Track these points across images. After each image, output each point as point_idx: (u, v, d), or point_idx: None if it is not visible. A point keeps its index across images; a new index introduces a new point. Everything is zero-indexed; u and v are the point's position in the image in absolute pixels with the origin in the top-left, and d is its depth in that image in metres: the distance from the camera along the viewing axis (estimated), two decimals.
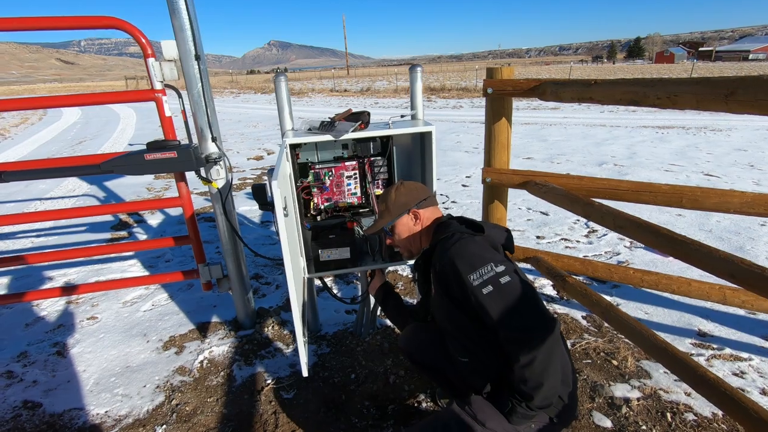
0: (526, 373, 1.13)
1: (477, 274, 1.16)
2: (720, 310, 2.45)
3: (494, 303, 1.14)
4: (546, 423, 1.25)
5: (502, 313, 1.14)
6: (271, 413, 1.81)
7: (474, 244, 1.24)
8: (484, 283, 1.15)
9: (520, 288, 1.16)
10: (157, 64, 1.88)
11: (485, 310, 1.15)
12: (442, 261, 1.24)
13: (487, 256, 1.20)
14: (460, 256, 1.20)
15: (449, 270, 1.22)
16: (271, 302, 2.65)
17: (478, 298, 1.16)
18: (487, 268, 1.17)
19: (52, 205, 4.96)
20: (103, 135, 10.74)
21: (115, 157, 1.82)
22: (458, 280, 1.19)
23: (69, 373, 2.08)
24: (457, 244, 1.24)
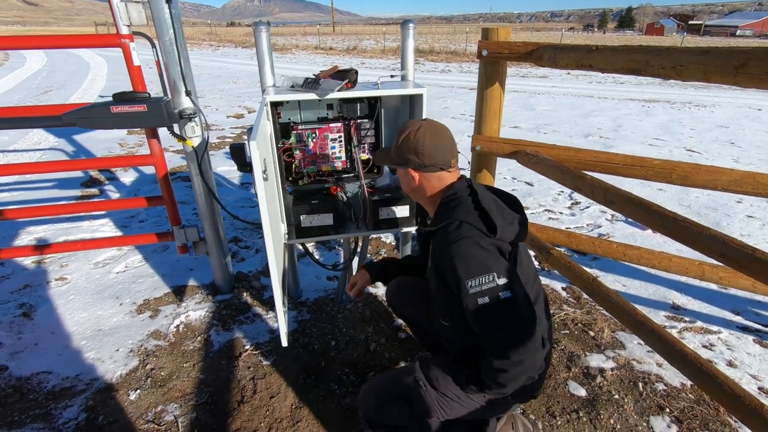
0: (496, 375, 1.13)
1: (476, 282, 1.09)
2: (694, 284, 2.51)
3: (486, 316, 1.10)
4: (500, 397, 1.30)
5: (491, 327, 1.11)
6: (249, 379, 1.79)
7: (479, 250, 1.12)
8: (482, 293, 1.09)
9: (517, 306, 1.11)
10: (122, 5, 1.69)
11: (474, 318, 1.12)
12: (441, 254, 1.16)
13: (491, 265, 1.11)
14: (461, 258, 1.11)
15: (447, 267, 1.15)
16: (251, 266, 2.59)
17: (469, 306, 1.11)
18: (488, 277, 1.09)
19: (15, 158, 4.68)
20: (70, 85, 10.10)
21: (78, 109, 1.67)
22: (455, 281, 1.13)
23: (36, 336, 2.00)
24: (461, 242, 1.12)
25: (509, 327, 1.10)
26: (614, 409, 1.69)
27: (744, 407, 1.17)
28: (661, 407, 1.71)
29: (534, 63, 1.88)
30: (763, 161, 4.99)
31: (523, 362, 1.09)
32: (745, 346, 2.06)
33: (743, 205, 3.68)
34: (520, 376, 1.12)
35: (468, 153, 2.43)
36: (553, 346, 1.86)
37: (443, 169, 1.27)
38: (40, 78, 11.27)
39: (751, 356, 1.99)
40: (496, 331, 1.11)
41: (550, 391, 1.77)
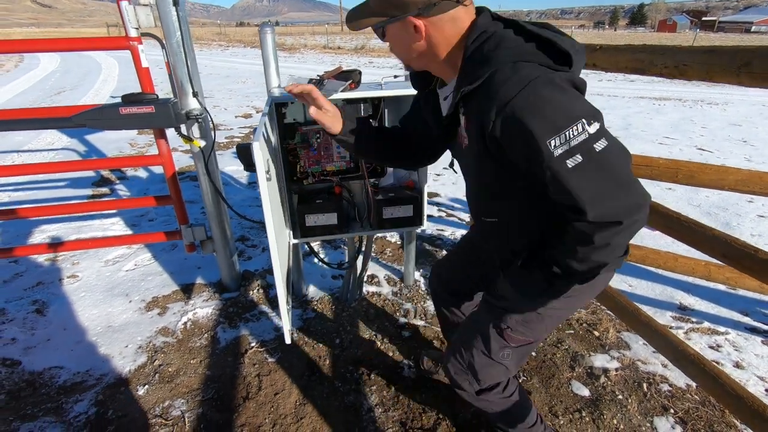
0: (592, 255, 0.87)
1: (561, 139, 0.78)
2: (701, 284, 2.49)
3: (583, 180, 0.79)
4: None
5: (594, 195, 0.80)
6: (254, 376, 1.81)
7: (555, 92, 0.80)
8: (571, 151, 0.78)
9: (617, 156, 0.82)
10: (131, 8, 1.72)
11: (565, 188, 0.81)
12: (506, 116, 0.81)
13: (576, 109, 0.80)
14: (534, 111, 0.79)
15: (514, 132, 0.81)
16: (257, 265, 2.62)
17: (557, 173, 0.80)
18: (576, 128, 0.78)
19: (29, 157, 4.77)
20: (83, 85, 10.26)
21: (88, 110, 1.71)
22: (529, 146, 0.80)
23: (49, 332, 2.05)
24: (528, 89, 0.79)
25: (617, 185, 0.81)
26: (617, 409, 1.69)
27: (746, 408, 1.17)
28: (665, 408, 1.70)
29: None
30: None
31: (639, 221, 0.83)
32: (753, 347, 2.04)
33: (754, 204, 3.63)
34: (631, 236, 0.86)
35: None
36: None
37: (459, 2, 0.89)
38: (54, 79, 11.46)
39: (759, 357, 1.97)
40: (598, 198, 0.80)
41: (553, 391, 1.78)
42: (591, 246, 0.85)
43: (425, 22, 0.89)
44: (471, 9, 0.93)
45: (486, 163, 0.94)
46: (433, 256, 2.77)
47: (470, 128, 0.93)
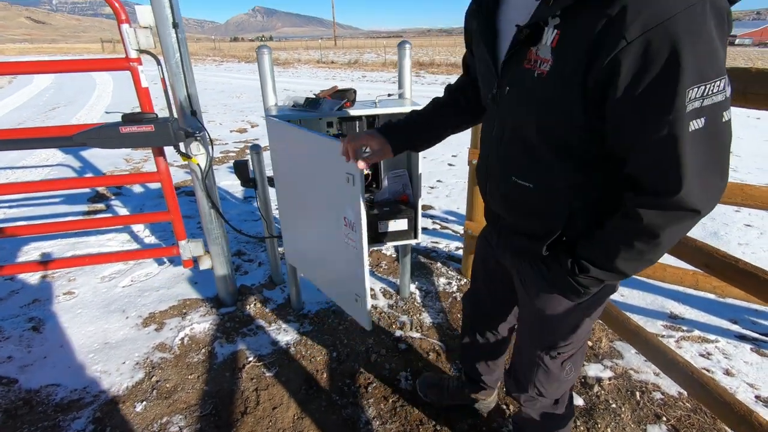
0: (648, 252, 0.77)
1: (700, 91, 0.63)
2: (691, 293, 2.54)
3: (697, 150, 0.67)
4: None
5: (699, 170, 0.68)
6: (252, 390, 1.82)
7: (719, 29, 0.63)
8: (701, 111, 0.64)
9: (731, 135, 0.71)
10: (131, 30, 1.78)
11: (676, 154, 0.67)
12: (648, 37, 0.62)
13: (723, 62, 0.65)
14: (693, 42, 0.62)
15: (656, 62, 0.63)
16: (254, 280, 2.64)
17: (676, 132, 0.65)
18: (718, 84, 0.64)
19: (24, 174, 4.78)
20: (77, 102, 10.28)
21: (89, 129, 1.74)
22: (665, 88, 0.64)
23: (45, 349, 2.05)
24: (699, 7, 0.61)
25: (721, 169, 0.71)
26: (611, 418, 1.72)
27: (734, 414, 1.21)
28: (658, 416, 1.73)
29: None
30: (762, 170, 5.03)
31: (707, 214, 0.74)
32: (743, 354, 2.08)
33: (741, 214, 3.72)
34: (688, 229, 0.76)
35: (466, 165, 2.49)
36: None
37: None
38: (48, 95, 11.48)
39: (749, 365, 2.01)
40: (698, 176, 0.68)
41: None
42: (652, 240, 0.74)
43: None
44: None
45: (565, 100, 0.73)
46: (428, 268, 2.80)
47: (566, 48, 0.70)
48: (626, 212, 0.76)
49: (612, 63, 0.65)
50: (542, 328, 1.07)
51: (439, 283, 2.64)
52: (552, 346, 1.08)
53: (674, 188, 0.69)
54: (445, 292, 2.54)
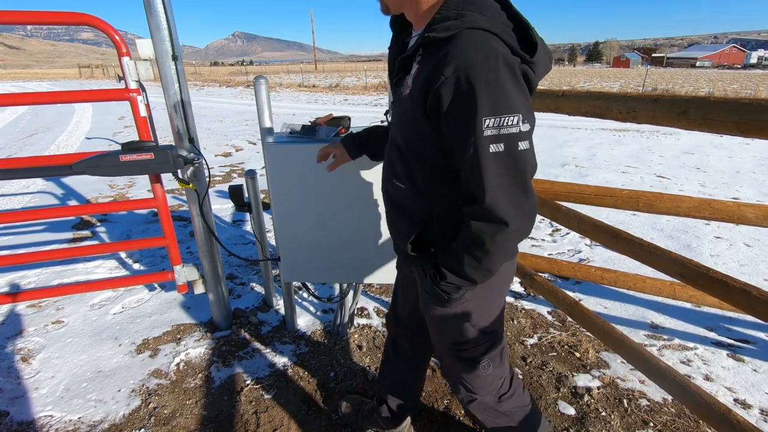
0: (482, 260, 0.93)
1: (495, 122, 0.82)
2: (670, 304, 2.67)
3: (496, 170, 0.85)
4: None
5: (498, 187, 0.86)
6: (252, 413, 1.83)
7: (513, 77, 0.84)
8: (498, 138, 0.83)
9: (530, 163, 0.88)
10: (132, 63, 1.84)
11: (478, 172, 0.85)
12: (460, 74, 0.83)
13: (519, 103, 0.84)
14: (488, 84, 0.81)
15: (463, 93, 0.83)
16: (247, 303, 2.65)
17: (478, 152, 0.84)
18: (512, 119, 0.83)
19: (3, 202, 4.68)
20: (56, 128, 10.14)
21: (89, 158, 1.78)
22: (467, 115, 0.83)
23: (36, 380, 2.01)
24: (491, 62, 0.82)
25: (516, 186, 0.87)
26: (602, 425, 1.79)
27: (715, 414, 1.29)
28: (645, 422, 1.81)
29: None
30: (727, 185, 5.32)
31: (522, 231, 0.91)
32: (720, 360, 2.20)
33: (711, 227, 3.92)
34: (515, 243, 0.94)
35: None
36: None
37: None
38: (25, 121, 11.29)
39: (726, 369, 2.13)
40: (499, 191, 0.86)
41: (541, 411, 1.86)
42: (480, 248, 0.91)
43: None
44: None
45: (417, 117, 0.93)
46: None
47: (418, 78, 0.93)
48: (464, 223, 0.93)
49: (437, 91, 0.86)
50: (438, 330, 1.20)
51: None
52: (453, 346, 1.19)
53: (480, 198, 0.87)
54: None
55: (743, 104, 1.06)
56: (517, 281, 2.99)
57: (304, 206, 1.88)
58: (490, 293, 1.13)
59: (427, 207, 1.03)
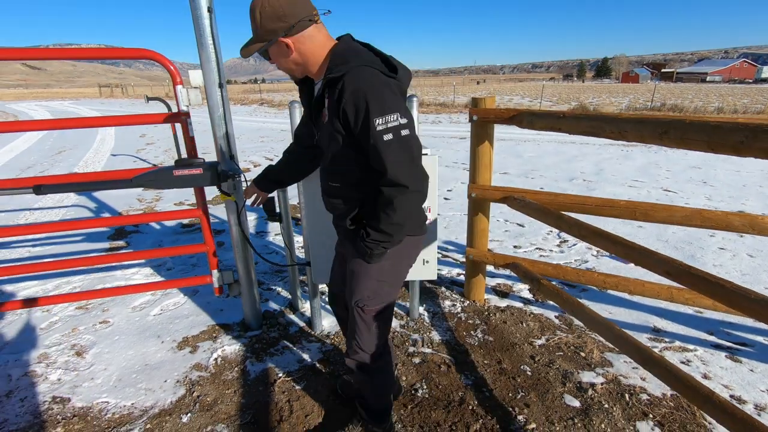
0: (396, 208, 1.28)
1: (383, 120, 1.22)
2: (672, 309, 2.82)
3: (390, 151, 1.23)
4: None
5: (394, 162, 1.24)
6: (285, 401, 2.03)
7: (388, 89, 1.25)
8: (387, 130, 1.22)
9: (414, 144, 1.28)
10: (184, 90, 2.11)
11: (377, 154, 1.24)
12: (351, 96, 1.23)
13: (395, 105, 1.24)
14: (373, 96, 1.21)
15: (358, 107, 1.23)
16: (275, 305, 2.87)
17: (376, 142, 1.23)
18: (393, 116, 1.23)
19: (42, 214, 5.01)
20: (82, 145, 10.63)
21: (146, 173, 2.03)
22: (362, 120, 1.23)
23: (91, 372, 2.24)
24: (373, 80, 1.24)
25: (409, 159, 1.26)
26: (605, 416, 1.95)
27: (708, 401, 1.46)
28: (645, 414, 1.97)
29: (516, 125, 2.30)
30: (734, 198, 5.44)
31: (420, 192, 1.30)
32: (719, 361, 2.34)
33: (715, 238, 4.06)
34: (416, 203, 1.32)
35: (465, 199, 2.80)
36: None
37: (311, 20, 1.29)
38: (52, 139, 11.84)
39: (724, 369, 2.27)
40: (398, 164, 1.24)
41: (548, 403, 2.03)
42: (391, 207, 1.28)
43: (292, 40, 1.30)
44: (322, 27, 1.35)
45: (336, 133, 1.32)
46: (434, 292, 3.06)
47: (330, 106, 1.32)
48: (379, 192, 1.31)
49: (343, 109, 1.26)
50: (352, 284, 1.53)
51: (444, 305, 2.89)
52: (360, 300, 1.53)
53: (384, 172, 1.26)
54: (450, 313, 2.79)
55: (712, 126, 1.26)
56: (526, 288, 3.17)
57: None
58: (398, 260, 1.51)
59: (358, 195, 1.43)
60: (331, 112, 1.31)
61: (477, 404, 2.02)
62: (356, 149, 1.33)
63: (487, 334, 2.57)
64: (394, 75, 1.31)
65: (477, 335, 2.56)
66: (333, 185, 1.48)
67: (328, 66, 1.31)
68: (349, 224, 1.47)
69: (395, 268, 1.54)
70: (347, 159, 1.38)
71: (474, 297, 2.93)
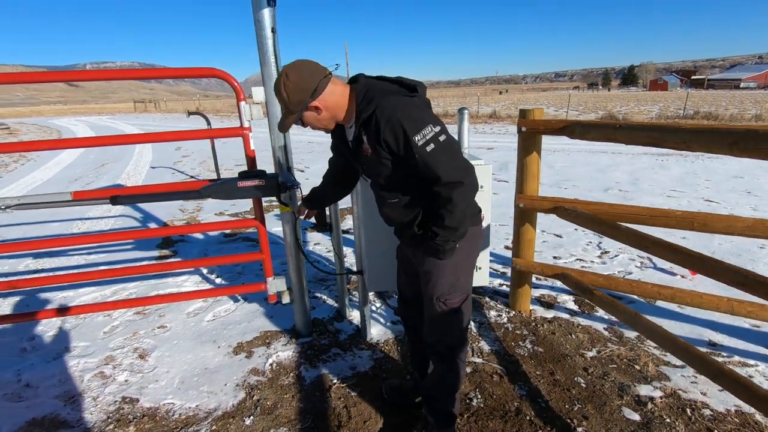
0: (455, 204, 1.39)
1: (421, 135, 1.34)
2: (727, 323, 2.74)
3: (437, 158, 1.35)
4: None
5: (444, 165, 1.36)
6: (342, 407, 2.07)
7: (415, 108, 1.39)
8: (427, 142, 1.34)
9: (453, 142, 1.40)
10: (248, 106, 2.22)
11: (428, 165, 1.36)
12: (387, 126, 1.36)
13: (426, 118, 1.37)
14: (405, 118, 1.34)
15: (397, 133, 1.36)
16: (323, 314, 2.93)
17: (422, 155, 1.35)
18: (428, 128, 1.35)
19: (93, 224, 5.26)
20: (123, 158, 11.12)
21: (212, 184, 2.15)
22: (404, 142, 1.36)
23: (155, 374, 2.35)
24: (401, 108, 1.37)
25: (455, 158, 1.38)
26: (667, 431, 1.91)
27: None
28: (710, 429, 1.92)
29: (567, 136, 2.31)
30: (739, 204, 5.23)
31: (472, 183, 1.41)
32: None
33: (766, 250, 3.92)
34: (471, 194, 1.43)
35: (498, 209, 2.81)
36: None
37: (326, 77, 1.42)
38: (94, 153, 12.43)
39: None
40: (447, 167, 1.36)
41: (607, 416, 2.01)
42: (451, 204, 1.39)
43: (319, 101, 1.43)
44: (336, 79, 1.46)
45: (384, 160, 1.45)
46: (478, 302, 3.07)
47: (370, 141, 1.44)
48: (435, 195, 1.43)
49: (384, 140, 1.39)
50: (430, 283, 1.63)
51: (490, 315, 2.90)
52: (440, 296, 1.63)
53: (439, 178, 1.38)
54: (496, 323, 2.80)
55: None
56: (571, 299, 3.14)
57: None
58: (467, 251, 1.62)
59: (417, 204, 1.56)
60: (373, 145, 1.44)
61: (534, 415, 2.02)
62: (405, 167, 1.45)
63: (536, 345, 2.56)
64: (414, 94, 1.45)
65: (526, 346, 2.56)
66: (392, 202, 1.59)
67: (356, 109, 1.45)
68: (417, 230, 1.59)
69: (466, 260, 1.65)
70: (399, 177, 1.50)
71: (519, 308, 2.93)
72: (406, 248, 1.78)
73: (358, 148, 1.52)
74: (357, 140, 1.50)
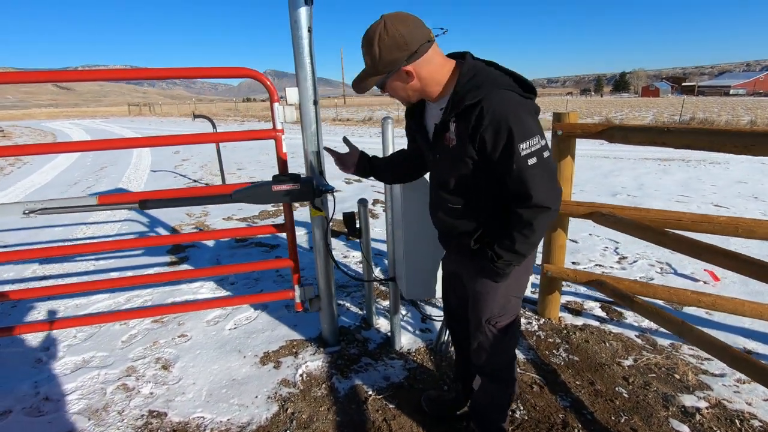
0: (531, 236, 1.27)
1: (527, 144, 1.19)
2: (760, 330, 2.70)
3: (535, 175, 1.21)
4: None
5: (540, 185, 1.22)
6: (381, 420, 1.99)
7: (528, 112, 1.23)
8: (531, 154, 1.19)
9: (554, 164, 1.27)
10: (281, 108, 2.15)
11: (524, 179, 1.21)
12: (496, 120, 1.19)
13: (536, 128, 1.22)
14: (516, 121, 1.18)
15: (501, 131, 1.19)
16: (348, 322, 2.85)
17: (521, 168, 1.20)
18: (536, 140, 1.20)
19: (98, 229, 5.13)
20: (121, 161, 10.95)
21: (246, 188, 2.06)
22: (507, 145, 1.20)
23: (181, 386, 2.25)
24: (512, 105, 1.20)
25: (551, 180, 1.25)
26: None
27: None
28: None
29: (606, 140, 2.27)
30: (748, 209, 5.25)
31: (558, 210, 1.28)
32: None
33: None
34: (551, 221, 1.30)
35: None
36: None
37: (429, 41, 1.24)
38: (92, 156, 12.23)
39: None
40: (542, 185, 1.22)
41: (655, 428, 1.95)
42: (530, 228, 1.26)
43: (414, 67, 1.25)
44: (437, 47, 1.29)
45: (467, 158, 1.29)
46: None
47: (460, 132, 1.28)
48: (514, 214, 1.29)
49: (482, 136, 1.22)
50: (480, 304, 1.52)
51: None
52: (491, 318, 1.52)
53: (530, 196, 1.23)
54: (528, 331, 2.73)
55: None
56: (597, 305, 3.09)
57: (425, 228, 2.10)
58: (523, 273, 1.51)
59: (481, 216, 1.41)
60: (463, 137, 1.27)
61: (581, 427, 1.95)
62: (487, 173, 1.30)
63: (571, 354, 2.50)
64: (530, 95, 1.27)
65: (561, 354, 2.49)
66: (453, 207, 1.44)
67: (456, 90, 1.25)
68: (473, 245, 1.44)
69: (520, 282, 1.54)
70: (474, 182, 1.35)
71: (549, 315, 2.87)
72: (453, 263, 1.66)
73: (439, 135, 1.34)
74: (443, 125, 1.31)
